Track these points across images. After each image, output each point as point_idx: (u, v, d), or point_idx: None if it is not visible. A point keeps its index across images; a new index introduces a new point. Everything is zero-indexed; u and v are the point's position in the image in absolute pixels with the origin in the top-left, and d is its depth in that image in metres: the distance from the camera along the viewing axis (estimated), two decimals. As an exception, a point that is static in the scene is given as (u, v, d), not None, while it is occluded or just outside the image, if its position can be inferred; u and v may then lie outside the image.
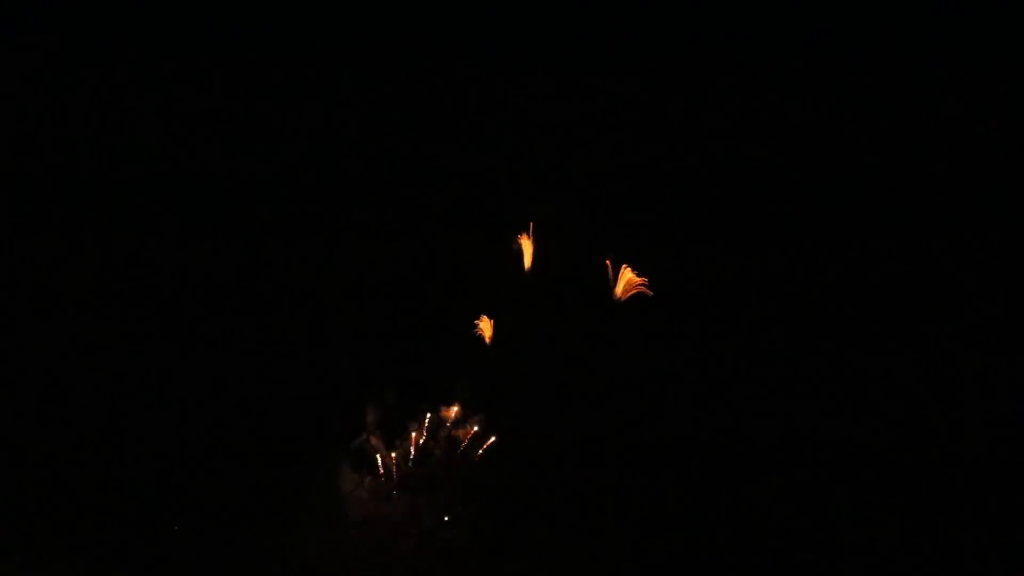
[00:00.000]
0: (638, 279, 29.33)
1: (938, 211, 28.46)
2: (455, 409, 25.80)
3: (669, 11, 27.41)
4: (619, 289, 29.55)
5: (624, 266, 29.45)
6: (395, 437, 25.22)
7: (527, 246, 30.32)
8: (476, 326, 28.20)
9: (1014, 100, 25.38)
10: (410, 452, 24.87)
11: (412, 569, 23.81)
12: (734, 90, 28.77)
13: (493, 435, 25.39)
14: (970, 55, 26.19)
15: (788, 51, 28.15)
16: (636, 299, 29.73)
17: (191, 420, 25.48)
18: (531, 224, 30.38)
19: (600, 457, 26.93)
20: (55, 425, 24.83)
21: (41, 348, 26.15)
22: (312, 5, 27.44)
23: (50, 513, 23.19)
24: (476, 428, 25.28)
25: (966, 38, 26.16)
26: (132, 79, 27.12)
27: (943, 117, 26.89)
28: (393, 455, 24.83)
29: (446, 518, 24.42)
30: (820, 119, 28.43)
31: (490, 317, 28.49)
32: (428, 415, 25.25)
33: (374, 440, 24.83)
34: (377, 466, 24.84)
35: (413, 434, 25.07)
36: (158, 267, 27.85)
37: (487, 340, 28.33)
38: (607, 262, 29.43)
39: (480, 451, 25.31)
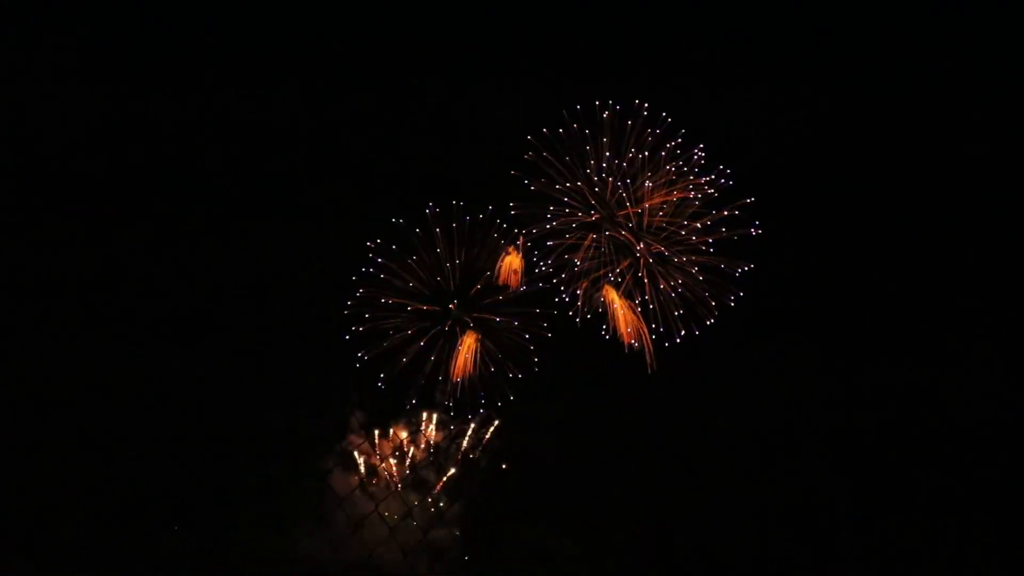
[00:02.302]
0: (626, 304, 27.96)
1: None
2: (437, 413, 25.96)
3: (668, 16, 27.11)
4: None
5: (607, 286, 28.30)
6: (381, 438, 25.44)
7: (516, 261, 29.15)
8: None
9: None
10: (397, 453, 25.07)
11: (408, 568, 23.98)
12: (741, 96, 28.39)
13: (479, 437, 25.55)
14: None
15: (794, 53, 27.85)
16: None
17: (179, 422, 25.53)
18: (521, 238, 28.89)
19: (590, 457, 26.91)
20: (49, 426, 24.97)
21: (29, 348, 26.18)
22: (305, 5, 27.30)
23: (47, 514, 23.43)
24: (456, 430, 25.48)
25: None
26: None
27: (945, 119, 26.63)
28: (379, 457, 25.03)
29: (438, 517, 24.63)
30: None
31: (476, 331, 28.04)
32: (410, 417, 25.45)
33: (362, 442, 25.01)
34: (368, 468, 25.08)
35: (402, 436, 25.25)
36: (143, 266, 27.79)
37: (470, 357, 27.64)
38: (583, 284, 28.35)
39: (466, 451, 25.47)
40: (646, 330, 28.17)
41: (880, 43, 27.34)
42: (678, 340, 27.62)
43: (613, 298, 28.59)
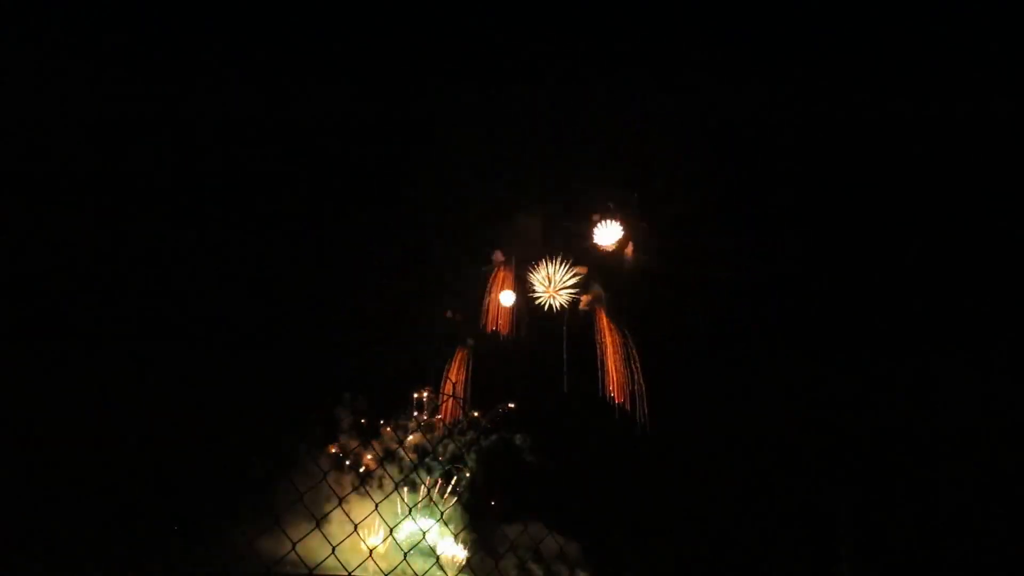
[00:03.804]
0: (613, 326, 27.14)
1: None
2: (432, 416, 26.07)
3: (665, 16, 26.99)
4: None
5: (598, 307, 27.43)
6: (371, 439, 25.63)
7: (508, 275, 28.18)
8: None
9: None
10: (392, 455, 25.20)
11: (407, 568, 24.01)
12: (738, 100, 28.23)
13: (473, 438, 25.64)
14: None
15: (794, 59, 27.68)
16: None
17: (176, 423, 25.58)
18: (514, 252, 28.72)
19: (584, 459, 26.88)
20: (49, 426, 25.03)
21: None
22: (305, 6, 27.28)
23: (47, 514, 23.52)
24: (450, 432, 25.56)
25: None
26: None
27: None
28: (370, 458, 25.19)
29: (435, 517, 24.71)
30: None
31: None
32: (405, 420, 25.57)
33: (353, 444, 25.12)
34: (363, 469, 25.20)
35: (396, 438, 25.35)
36: (141, 268, 27.82)
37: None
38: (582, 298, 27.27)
39: (459, 454, 25.57)
40: (637, 355, 27.99)
41: (875, 44, 27.17)
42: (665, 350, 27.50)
43: (601, 316, 28.29)
